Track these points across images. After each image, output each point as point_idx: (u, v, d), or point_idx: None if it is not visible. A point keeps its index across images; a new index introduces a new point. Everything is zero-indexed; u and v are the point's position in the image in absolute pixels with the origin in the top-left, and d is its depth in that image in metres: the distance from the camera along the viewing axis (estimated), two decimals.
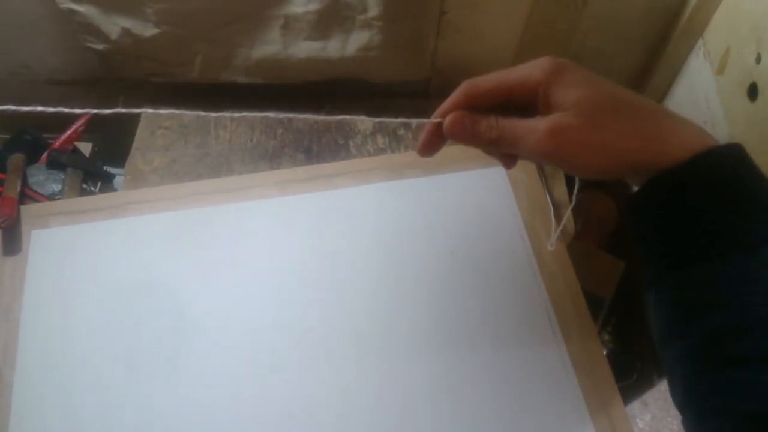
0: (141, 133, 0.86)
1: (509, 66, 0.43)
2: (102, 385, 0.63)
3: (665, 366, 0.40)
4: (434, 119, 0.45)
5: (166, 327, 0.66)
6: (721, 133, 0.80)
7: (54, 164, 0.84)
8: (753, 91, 0.72)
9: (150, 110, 0.45)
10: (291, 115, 0.50)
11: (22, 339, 0.66)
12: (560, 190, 0.79)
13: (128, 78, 0.86)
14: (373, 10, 0.74)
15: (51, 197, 0.82)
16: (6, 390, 0.63)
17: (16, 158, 0.83)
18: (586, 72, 0.40)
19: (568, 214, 0.72)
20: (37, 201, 0.81)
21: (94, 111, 0.44)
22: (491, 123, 0.42)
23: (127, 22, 0.77)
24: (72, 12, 0.76)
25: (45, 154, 0.86)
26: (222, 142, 0.86)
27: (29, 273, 0.70)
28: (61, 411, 0.61)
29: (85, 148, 0.93)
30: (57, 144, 0.88)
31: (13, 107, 0.40)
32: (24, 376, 0.63)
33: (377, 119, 0.49)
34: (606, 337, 1.06)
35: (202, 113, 0.46)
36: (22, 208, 0.75)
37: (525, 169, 0.77)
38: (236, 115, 0.46)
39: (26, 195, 0.80)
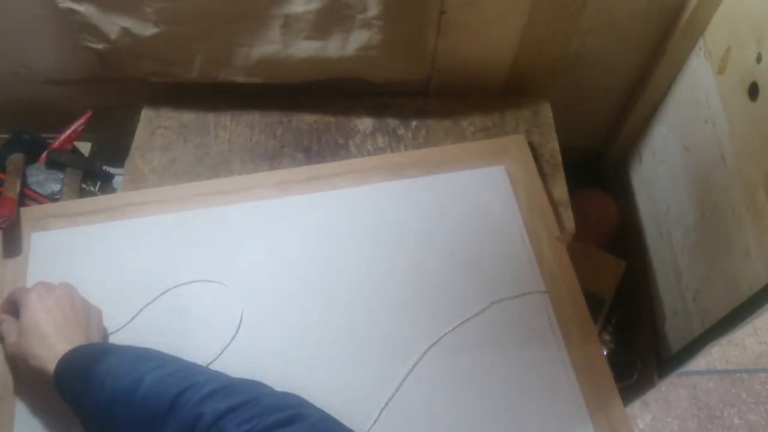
0: (141, 132, 0.86)
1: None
2: None
3: None
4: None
5: (166, 328, 0.66)
6: (722, 132, 0.80)
7: (53, 164, 0.84)
8: (754, 91, 0.72)
9: None
10: None
11: None
12: (560, 190, 0.79)
13: (128, 78, 0.86)
14: (373, 10, 0.74)
15: (50, 197, 0.82)
16: (9, 395, 0.63)
17: (16, 158, 0.83)
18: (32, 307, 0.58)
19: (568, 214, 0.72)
20: (37, 201, 0.80)
21: None
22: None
23: (126, 22, 0.77)
24: (71, 12, 0.76)
25: (44, 154, 0.86)
26: (221, 141, 0.85)
27: (30, 276, 0.70)
28: (64, 415, 0.61)
29: (85, 147, 0.93)
30: (56, 144, 0.88)
31: None
32: (27, 382, 0.63)
33: None
34: (606, 337, 1.06)
35: None
36: (22, 210, 0.75)
37: (525, 168, 0.77)
38: None
39: (25, 195, 0.80)
